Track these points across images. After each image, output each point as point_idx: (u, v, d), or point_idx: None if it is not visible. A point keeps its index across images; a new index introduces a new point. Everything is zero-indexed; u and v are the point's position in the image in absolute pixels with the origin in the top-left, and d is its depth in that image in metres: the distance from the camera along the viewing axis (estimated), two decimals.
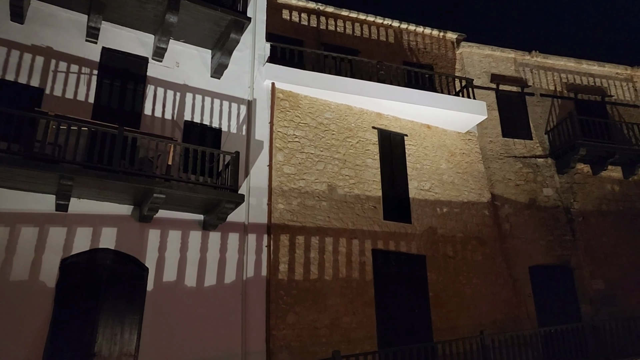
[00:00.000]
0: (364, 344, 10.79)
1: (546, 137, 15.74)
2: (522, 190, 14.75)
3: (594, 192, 15.31)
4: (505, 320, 12.62)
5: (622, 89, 17.26)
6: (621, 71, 17.47)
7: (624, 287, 14.26)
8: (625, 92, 17.25)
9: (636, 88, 17.45)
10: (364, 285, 11.52)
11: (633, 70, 17.57)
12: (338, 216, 11.96)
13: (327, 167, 12.32)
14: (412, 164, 13.52)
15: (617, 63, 17.48)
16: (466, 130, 14.58)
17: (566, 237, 14.48)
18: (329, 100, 13.01)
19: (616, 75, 17.43)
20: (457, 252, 12.98)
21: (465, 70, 15.96)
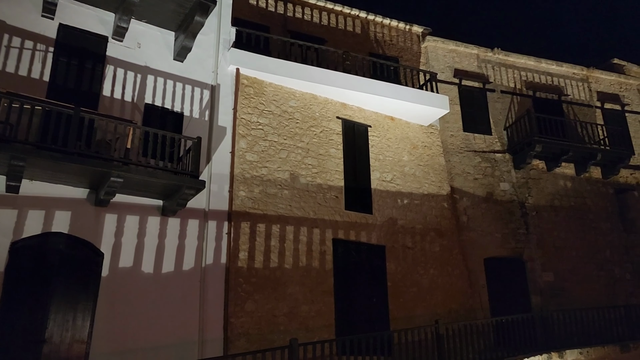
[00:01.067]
0: (322, 332, 10.88)
1: (505, 133, 16.15)
2: (480, 184, 15.11)
3: (548, 187, 15.84)
4: (459, 310, 12.96)
5: (577, 89, 17.86)
6: (577, 71, 18.07)
7: (572, 279, 14.87)
8: (580, 92, 17.86)
9: (591, 88, 18.09)
10: (323, 274, 11.59)
11: (589, 71, 18.19)
12: (300, 205, 11.96)
13: (290, 156, 12.29)
14: (375, 155, 13.63)
15: (574, 63, 18.06)
16: (428, 124, 14.80)
17: (520, 231, 14.95)
18: (294, 89, 12.94)
19: (573, 75, 18.01)
20: (416, 243, 13.21)
21: (430, 64, 16.16)
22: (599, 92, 18.14)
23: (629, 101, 18.44)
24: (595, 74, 18.29)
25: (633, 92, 18.78)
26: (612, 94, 18.32)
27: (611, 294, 15.13)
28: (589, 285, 15.01)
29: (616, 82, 18.59)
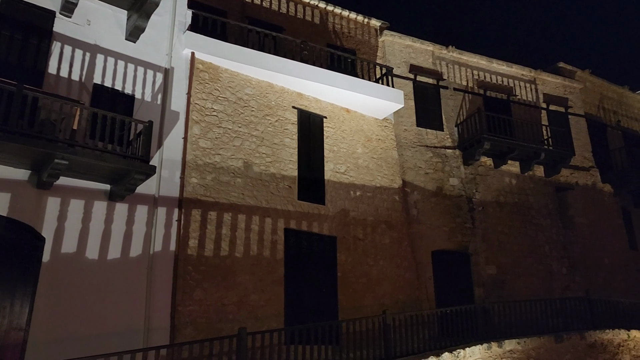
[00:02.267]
0: (271, 322, 10.89)
1: (456, 130, 16.57)
2: (430, 179, 15.46)
3: (494, 184, 16.41)
4: (406, 301, 13.27)
5: (525, 90, 18.54)
6: (526, 73, 18.74)
7: (513, 272, 15.50)
8: (528, 93, 18.55)
9: (537, 90, 18.82)
10: (274, 264, 11.58)
11: (536, 73, 18.90)
12: (252, 194, 11.87)
13: (245, 144, 12.16)
14: (330, 146, 13.69)
15: (523, 65, 18.72)
16: (383, 117, 14.98)
17: (467, 225, 15.43)
18: (250, 76, 12.78)
19: (522, 76, 18.66)
20: (367, 234, 13.40)
21: (386, 58, 16.33)
22: (545, 94, 18.89)
23: (572, 104, 19.31)
24: (542, 76, 19.02)
25: (576, 95, 19.67)
26: (557, 96, 19.12)
27: (548, 287, 15.89)
28: (528, 278, 15.70)
29: (561, 85, 19.42)
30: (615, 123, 20.93)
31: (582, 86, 20.05)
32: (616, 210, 18.50)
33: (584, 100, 19.96)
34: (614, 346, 12.14)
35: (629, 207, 19.52)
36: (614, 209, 18.46)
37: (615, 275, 17.35)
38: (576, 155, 18.34)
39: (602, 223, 17.85)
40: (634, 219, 19.55)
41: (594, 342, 11.96)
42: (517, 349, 10.93)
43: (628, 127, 21.36)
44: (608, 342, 12.09)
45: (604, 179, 18.63)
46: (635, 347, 12.37)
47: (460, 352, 10.13)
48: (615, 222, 18.27)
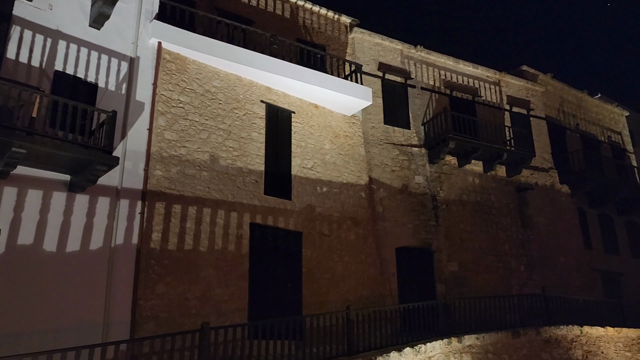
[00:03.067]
0: (235, 316, 10.83)
1: (422, 128, 16.80)
2: (396, 176, 15.64)
3: (458, 183, 16.73)
4: (370, 297, 13.41)
5: (490, 91, 18.95)
6: (491, 75, 19.15)
7: (474, 269, 15.87)
8: (492, 94, 18.97)
9: (502, 92, 19.26)
10: (239, 258, 11.51)
11: (501, 75, 19.34)
12: (218, 187, 11.75)
13: (211, 137, 12.01)
14: (297, 141, 13.67)
15: (489, 67, 19.12)
16: (351, 114, 15.04)
17: (430, 223, 15.69)
18: (219, 68, 12.62)
19: (487, 78, 19.06)
20: (332, 230, 13.45)
21: (356, 55, 16.39)
22: (508, 95, 19.35)
23: (534, 106, 19.86)
24: (506, 78, 19.47)
25: (538, 98, 20.23)
26: (519, 98, 19.63)
27: (507, 284, 16.34)
28: (488, 275, 16.10)
29: (524, 88, 19.93)
30: (574, 126, 21.64)
31: (544, 89, 20.64)
32: (573, 211, 19.15)
33: (545, 103, 20.55)
34: (568, 341, 12.59)
35: (584, 207, 20.24)
36: (570, 209, 19.10)
37: (570, 273, 17.97)
38: (536, 156, 18.87)
39: (559, 223, 18.45)
40: (589, 219, 20.29)
41: (548, 338, 12.37)
42: (476, 344, 11.20)
43: (586, 130, 22.13)
44: (562, 338, 12.54)
45: (562, 180, 19.25)
46: (587, 343, 12.87)
47: (422, 347, 10.31)
48: (571, 222, 18.92)
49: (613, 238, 20.79)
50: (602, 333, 13.22)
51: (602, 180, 20.00)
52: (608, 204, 20.68)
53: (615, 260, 20.39)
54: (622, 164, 22.06)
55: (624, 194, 20.39)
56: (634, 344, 13.64)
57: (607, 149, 22.43)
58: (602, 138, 22.60)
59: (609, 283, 19.66)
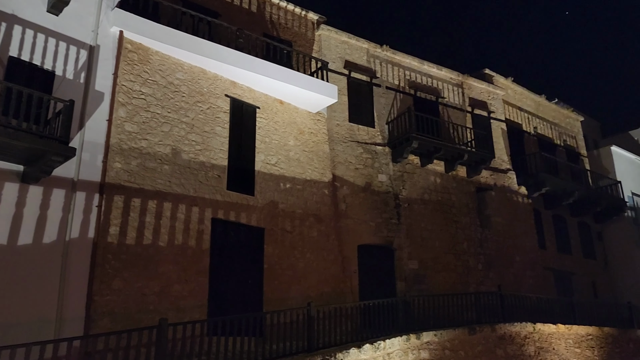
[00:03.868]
0: (194, 313, 10.68)
1: (387, 127, 16.97)
2: (360, 174, 15.75)
3: (420, 182, 16.98)
4: (331, 294, 13.46)
5: (453, 93, 19.30)
6: (454, 77, 19.50)
7: (433, 267, 16.16)
8: (455, 96, 19.33)
9: (464, 94, 19.65)
10: (199, 254, 11.35)
11: (463, 78, 19.73)
12: (180, 182, 11.55)
13: (174, 130, 11.78)
14: (262, 137, 13.57)
15: (452, 69, 19.47)
16: (316, 111, 15.04)
17: (392, 221, 15.87)
18: (183, 60, 12.39)
19: (450, 79, 19.41)
20: (295, 227, 13.43)
21: (322, 52, 16.39)
22: (470, 97, 19.76)
23: (494, 109, 20.35)
24: (468, 81, 19.88)
25: (498, 101, 20.74)
26: (481, 100, 20.08)
27: (465, 282, 16.71)
28: (447, 273, 16.43)
29: (485, 91, 20.39)
30: (531, 129, 22.30)
31: (505, 93, 21.19)
32: (529, 211, 19.74)
33: (505, 106, 21.10)
34: (521, 338, 12.98)
35: (540, 208, 20.90)
36: (527, 210, 19.69)
37: (525, 272, 18.53)
38: (496, 158, 19.36)
39: (515, 223, 18.99)
40: (544, 220, 20.97)
41: (503, 334, 12.72)
42: (433, 340, 11.40)
43: (543, 134, 22.84)
44: (516, 334, 12.92)
45: (519, 182, 19.81)
46: (539, 339, 13.30)
47: (381, 344, 10.43)
48: (527, 223, 19.50)
49: (566, 238, 21.57)
50: (553, 330, 13.69)
51: (557, 182, 20.70)
52: (562, 206, 21.43)
53: (568, 260, 21.16)
54: (576, 167, 22.92)
55: (577, 196, 21.15)
56: (583, 341, 14.19)
57: (562, 152, 23.24)
58: (558, 142, 23.38)
59: (561, 282, 20.39)
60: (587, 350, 14.09)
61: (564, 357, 13.47)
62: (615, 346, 14.87)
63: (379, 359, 10.31)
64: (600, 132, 30.30)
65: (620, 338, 15.19)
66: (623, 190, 23.11)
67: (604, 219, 23.02)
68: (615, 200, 22.46)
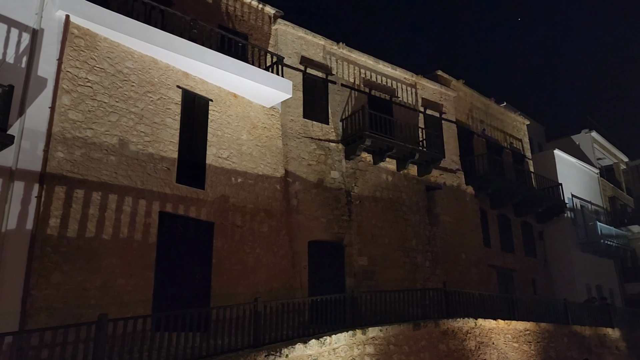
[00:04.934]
0: (138, 308, 10.44)
1: (340, 124, 17.09)
2: (312, 170, 15.80)
3: (372, 179, 17.22)
4: (280, 289, 13.47)
5: (406, 93, 19.64)
6: (408, 77, 19.84)
7: (382, 264, 16.43)
8: (408, 96, 19.67)
9: (417, 94, 20.03)
10: (145, 248, 11.10)
11: (417, 78, 20.10)
12: (127, 173, 11.25)
13: (121, 120, 11.45)
14: (214, 130, 13.39)
15: (406, 69, 19.80)
16: (271, 106, 14.96)
17: (343, 217, 16.03)
18: (133, 49, 12.04)
19: (404, 79, 19.73)
20: (245, 222, 13.34)
21: (278, 47, 16.31)
22: (423, 98, 20.17)
23: (446, 110, 20.85)
24: (422, 81, 20.27)
25: (450, 102, 21.26)
26: (433, 101, 20.52)
27: (412, 278, 17.09)
28: (396, 270, 16.76)
29: (438, 92, 20.86)
30: (480, 131, 23.00)
31: (456, 95, 21.74)
32: (475, 211, 20.38)
33: (456, 108, 21.66)
34: (463, 333, 13.40)
35: (486, 208, 21.62)
36: (473, 209, 20.32)
37: (470, 269, 19.15)
38: (446, 157, 19.86)
39: (463, 221, 19.57)
40: (490, 219, 21.71)
41: (446, 330, 13.10)
42: (379, 335, 11.61)
43: (491, 135, 23.61)
44: (458, 330, 13.32)
45: (468, 182, 20.42)
46: (480, 334, 13.77)
47: (327, 339, 10.52)
48: (473, 221, 20.13)
49: (509, 237, 22.42)
50: (494, 325, 14.20)
51: (503, 183, 21.48)
52: (507, 206, 22.26)
53: (510, 258, 22.01)
54: (521, 169, 23.84)
55: (521, 196, 22.02)
56: (521, 336, 14.80)
57: (508, 154, 24.10)
58: (505, 144, 24.23)
59: (504, 279, 21.19)
60: (525, 345, 14.71)
61: (502, 351, 14.01)
62: (550, 341, 15.60)
63: (325, 354, 10.41)
64: (544, 135, 31.61)
65: (555, 333, 15.94)
66: (564, 192, 24.23)
67: (545, 220, 24.07)
68: (556, 202, 23.51)
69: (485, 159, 21.76)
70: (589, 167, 28.31)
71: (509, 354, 14.13)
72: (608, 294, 24.99)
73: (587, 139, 30.49)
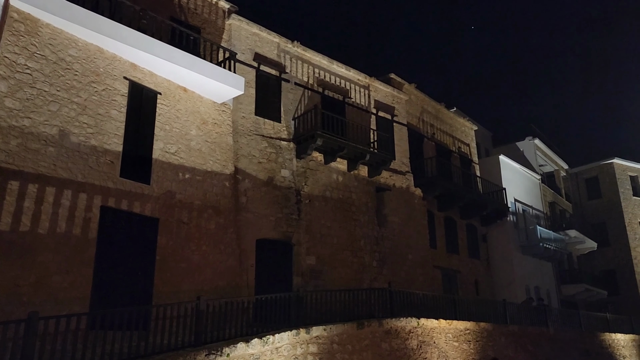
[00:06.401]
0: (74, 305, 10.07)
1: (293, 123, 17.06)
2: (263, 168, 15.71)
3: (322, 179, 17.29)
4: (226, 287, 13.31)
5: (359, 94, 19.84)
6: (361, 78, 20.04)
7: (330, 264, 16.55)
8: (361, 97, 19.87)
9: (370, 96, 20.27)
10: (85, 243, 10.73)
11: (370, 80, 20.34)
12: (67, 166, 10.83)
13: (62, 110, 11.01)
14: (162, 124, 13.09)
15: (360, 71, 19.99)
16: (222, 102, 14.76)
17: (293, 216, 16.02)
18: (77, 37, 11.61)
19: (357, 81, 19.92)
20: (192, 219, 13.11)
21: (232, 42, 16.11)
22: (376, 100, 20.43)
23: (398, 113, 21.21)
24: (375, 83, 20.53)
25: (402, 105, 21.63)
26: (385, 104, 20.82)
27: (359, 278, 17.29)
28: (344, 269, 16.91)
29: (390, 95, 21.17)
30: (430, 135, 23.53)
31: (408, 98, 22.14)
32: (423, 212, 20.83)
33: (407, 111, 22.06)
34: (406, 332, 13.67)
35: (433, 210, 22.14)
36: (421, 211, 20.76)
37: (416, 270, 19.56)
38: (396, 159, 20.20)
39: (410, 223, 19.97)
40: (436, 221, 22.25)
41: (389, 329, 13.31)
42: (323, 335, 11.67)
43: (440, 140, 24.19)
44: (401, 329, 13.57)
45: (416, 184, 20.85)
46: (422, 334, 14.08)
47: (270, 338, 10.48)
48: (421, 223, 20.57)
49: (454, 239, 23.05)
50: (435, 325, 14.56)
51: (450, 186, 22.06)
52: (453, 208, 22.86)
53: (455, 259, 22.64)
54: (467, 173, 24.55)
55: (467, 200, 22.67)
56: (461, 335, 15.25)
57: (456, 158, 24.77)
58: (453, 148, 24.89)
59: (448, 279, 21.78)
60: (464, 344, 15.16)
61: (443, 350, 14.39)
62: (489, 340, 16.14)
63: (268, 353, 10.37)
64: (491, 141, 32.68)
65: (494, 332, 16.51)
66: (507, 197, 25.13)
67: (489, 222, 24.89)
68: (500, 206, 24.35)
69: (434, 162, 22.27)
70: (532, 173, 29.48)
71: (449, 353, 14.53)
72: (545, 295, 26.11)
73: (530, 146, 31.74)
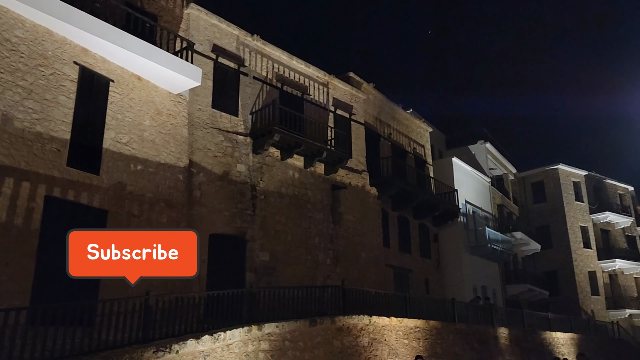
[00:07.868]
0: (14, 299, 9.55)
1: (250, 118, 16.84)
2: (218, 162, 15.42)
3: (279, 175, 17.16)
4: (177, 283, 12.95)
5: (318, 91, 19.81)
6: (321, 76, 20.02)
7: (284, 260, 16.44)
8: (320, 95, 19.85)
9: (329, 93, 20.28)
10: (27, 234, 10.21)
11: (329, 78, 20.34)
12: (9, 152, 10.27)
13: (6, 94, 10.43)
14: (113, 113, 12.62)
15: (320, 68, 19.96)
16: (178, 93, 14.37)
17: (247, 212, 15.81)
18: (24, 17, 11.02)
19: (317, 77, 19.88)
20: (143, 211, 12.71)
21: (190, 32, 15.72)
22: (334, 98, 20.45)
23: (355, 111, 21.32)
24: (334, 81, 20.55)
25: (360, 104, 21.76)
26: (344, 102, 20.88)
27: (313, 275, 17.28)
28: (297, 267, 16.84)
29: (349, 93, 21.26)
30: (387, 135, 23.80)
31: (366, 97, 22.30)
32: (377, 211, 21.04)
33: (365, 110, 22.21)
34: (357, 330, 13.74)
35: (387, 209, 22.40)
36: (376, 209, 20.96)
37: (369, 268, 19.73)
38: (353, 158, 20.30)
39: (365, 221, 20.12)
40: (390, 220, 22.52)
41: (342, 326, 13.35)
42: (275, 332, 11.56)
43: (396, 140, 24.51)
44: (353, 326, 13.64)
45: (372, 183, 21.02)
46: (373, 331, 14.20)
47: (221, 335, 10.28)
48: (375, 222, 20.77)
49: (407, 238, 23.42)
50: (387, 322, 14.71)
51: (405, 186, 22.37)
52: (407, 208, 23.21)
53: (407, 258, 23.00)
54: (421, 174, 25.00)
55: (420, 200, 23.06)
56: (411, 332, 15.48)
57: (411, 159, 25.17)
58: (409, 149, 25.28)
59: (400, 278, 22.10)
60: (414, 341, 15.40)
61: (393, 347, 14.57)
62: (438, 337, 16.46)
63: (218, 350, 10.17)
64: (445, 143, 33.41)
65: (443, 330, 16.85)
66: (459, 198, 25.74)
67: (440, 223, 25.42)
68: (451, 207, 24.91)
69: (390, 162, 22.53)
70: (482, 175, 30.34)
71: (399, 350, 14.72)
72: (491, 294, 26.94)
73: (481, 150, 32.64)
